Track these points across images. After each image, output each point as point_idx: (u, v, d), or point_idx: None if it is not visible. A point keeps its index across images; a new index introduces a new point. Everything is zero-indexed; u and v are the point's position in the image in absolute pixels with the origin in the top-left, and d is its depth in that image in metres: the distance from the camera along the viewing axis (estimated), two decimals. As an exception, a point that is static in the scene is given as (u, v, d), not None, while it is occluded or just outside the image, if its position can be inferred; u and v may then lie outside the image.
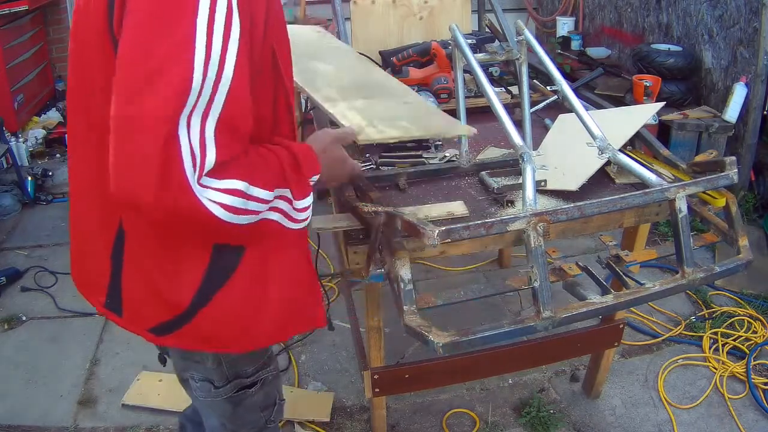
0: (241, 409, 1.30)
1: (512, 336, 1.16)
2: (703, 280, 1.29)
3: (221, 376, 1.24)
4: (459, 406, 2.30)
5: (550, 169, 1.68)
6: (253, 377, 1.27)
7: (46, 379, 2.46)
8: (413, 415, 2.28)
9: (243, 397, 1.28)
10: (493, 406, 2.30)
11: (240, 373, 1.25)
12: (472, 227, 1.13)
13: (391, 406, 2.28)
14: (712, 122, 3.35)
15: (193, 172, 0.82)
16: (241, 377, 1.25)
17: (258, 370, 1.27)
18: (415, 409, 2.30)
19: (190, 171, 0.82)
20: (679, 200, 1.24)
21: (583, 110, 1.53)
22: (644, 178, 1.43)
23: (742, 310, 2.73)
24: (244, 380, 1.26)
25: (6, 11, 3.95)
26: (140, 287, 1.06)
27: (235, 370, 1.24)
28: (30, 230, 3.59)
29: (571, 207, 1.19)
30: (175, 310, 1.05)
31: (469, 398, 2.33)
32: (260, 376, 1.28)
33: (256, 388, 1.28)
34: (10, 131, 3.96)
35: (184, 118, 0.80)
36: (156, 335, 1.10)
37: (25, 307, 2.89)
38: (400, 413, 2.28)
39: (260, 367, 1.28)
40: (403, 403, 2.31)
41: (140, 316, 1.09)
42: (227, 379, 1.24)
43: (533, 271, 1.14)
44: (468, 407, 2.30)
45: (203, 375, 1.24)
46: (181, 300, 1.04)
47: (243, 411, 1.30)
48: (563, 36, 4.88)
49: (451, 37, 1.72)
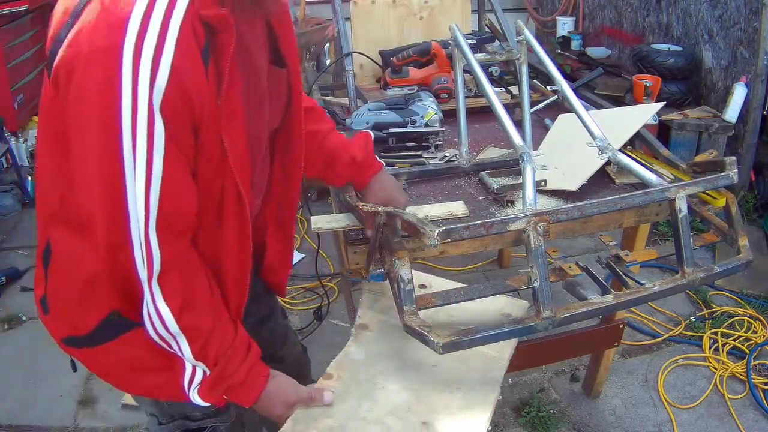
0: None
1: (512, 336, 1.16)
2: (703, 280, 1.29)
3: (163, 412, 1.20)
4: (459, 406, 2.29)
5: (550, 169, 1.68)
6: (200, 422, 1.21)
7: (46, 379, 2.46)
8: (413, 415, 2.28)
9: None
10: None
11: (187, 415, 1.20)
12: (472, 227, 1.12)
13: (391, 406, 2.28)
14: (712, 122, 3.35)
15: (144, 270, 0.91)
16: (187, 419, 1.20)
17: (206, 417, 1.20)
18: (415, 409, 2.30)
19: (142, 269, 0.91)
20: (679, 200, 1.24)
21: (583, 110, 1.53)
22: (644, 178, 1.43)
23: (742, 310, 2.73)
24: (189, 422, 1.21)
25: (6, 11, 3.94)
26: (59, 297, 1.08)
27: (179, 410, 1.19)
28: (30, 230, 3.58)
29: (570, 207, 1.19)
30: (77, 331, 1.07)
31: (469, 398, 2.33)
32: (208, 423, 1.21)
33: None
34: (10, 131, 3.96)
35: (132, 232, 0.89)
36: (66, 346, 1.11)
37: (25, 307, 2.88)
38: (400, 413, 2.28)
39: (210, 414, 1.20)
40: (403, 403, 2.31)
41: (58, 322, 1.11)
42: (171, 417, 1.20)
43: (533, 271, 1.13)
44: (468, 407, 2.29)
45: (150, 409, 1.22)
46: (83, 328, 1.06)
47: None
48: (563, 36, 4.88)
49: (451, 37, 1.72)
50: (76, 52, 0.82)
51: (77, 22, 0.84)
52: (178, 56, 0.82)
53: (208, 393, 1.05)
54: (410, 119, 1.89)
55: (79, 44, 0.82)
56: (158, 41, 0.81)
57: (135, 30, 0.81)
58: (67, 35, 0.84)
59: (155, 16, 0.82)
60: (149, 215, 0.87)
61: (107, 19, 0.82)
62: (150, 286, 0.92)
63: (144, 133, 0.83)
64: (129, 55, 0.80)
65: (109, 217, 0.88)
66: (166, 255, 0.91)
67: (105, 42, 0.81)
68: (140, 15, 0.81)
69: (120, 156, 0.83)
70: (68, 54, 0.84)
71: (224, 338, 1.02)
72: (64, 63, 0.84)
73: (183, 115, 0.86)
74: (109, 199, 0.86)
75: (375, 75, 2.41)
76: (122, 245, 0.89)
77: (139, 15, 0.81)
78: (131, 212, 0.87)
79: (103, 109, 0.82)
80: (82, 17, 0.83)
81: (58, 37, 0.86)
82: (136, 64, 0.80)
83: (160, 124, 0.84)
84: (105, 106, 0.82)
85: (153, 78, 0.81)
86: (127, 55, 0.80)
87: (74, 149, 0.88)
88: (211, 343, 1.00)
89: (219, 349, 1.01)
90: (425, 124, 1.89)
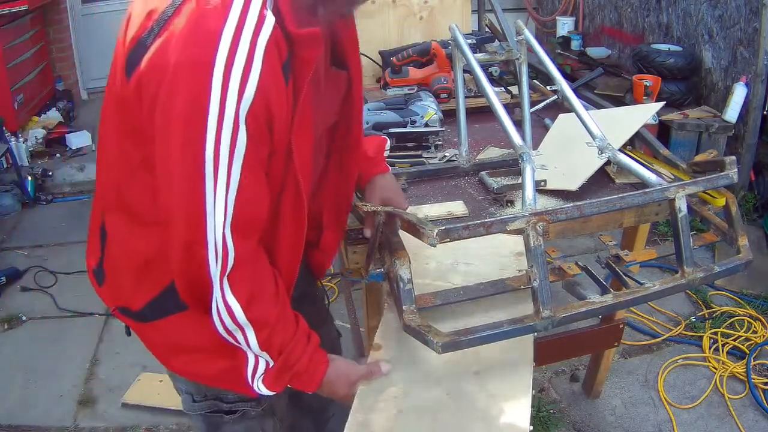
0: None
1: (511, 335, 1.15)
2: (703, 279, 1.28)
3: (198, 390, 1.24)
4: (459, 406, 2.29)
5: (549, 168, 1.68)
6: (232, 405, 1.24)
7: (46, 379, 2.46)
8: (413, 415, 2.28)
9: (219, 422, 1.26)
10: (493, 406, 2.30)
11: (220, 396, 1.23)
12: (472, 227, 1.12)
13: (391, 406, 2.28)
14: (712, 122, 3.35)
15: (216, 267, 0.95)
16: (220, 400, 1.23)
17: (240, 400, 1.24)
18: (415, 409, 2.30)
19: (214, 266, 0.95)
20: (678, 200, 1.23)
21: (582, 110, 1.52)
22: (644, 178, 1.43)
23: (742, 310, 2.73)
24: (221, 404, 1.24)
25: (6, 11, 3.95)
26: (114, 273, 1.15)
27: (214, 390, 1.23)
28: (30, 230, 3.59)
29: (570, 207, 1.18)
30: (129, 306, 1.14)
31: (469, 398, 2.33)
32: (240, 407, 1.24)
33: (234, 417, 1.25)
34: (10, 131, 3.96)
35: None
36: (120, 314, 1.18)
37: (25, 307, 2.89)
38: (400, 413, 2.28)
39: (244, 398, 1.23)
40: (403, 403, 2.31)
41: (112, 293, 1.17)
42: (205, 396, 1.24)
43: (533, 271, 1.13)
44: (468, 407, 2.29)
45: (186, 386, 1.25)
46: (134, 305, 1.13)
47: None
48: (563, 36, 4.88)
49: (450, 37, 1.72)
50: (165, 62, 0.86)
51: (164, 31, 0.87)
52: (264, 72, 0.87)
53: (274, 382, 1.09)
54: (410, 119, 1.89)
55: (168, 54, 0.86)
56: (248, 57, 0.86)
57: (227, 46, 0.85)
58: (152, 42, 0.88)
59: (245, 33, 0.86)
60: (226, 217, 0.93)
61: (198, 33, 0.85)
62: (221, 281, 0.97)
63: (227, 143, 0.88)
64: (220, 69, 0.85)
65: (188, 217, 0.93)
66: (239, 253, 0.96)
67: (197, 55, 0.85)
68: (231, 31, 0.85)
69: (202, 163, 0.88)
70: (157, 62, 0.88)
71: (287, 329, 1.07)
72: (152, 70, 0.88)
73: (264, 125, 0.91)
74: (189, 201, 0.92)
75: (375, 75, 2.41)
76: (198, 243, 0.94)
77: (231, 31, 0.85)
78: (209, 214, 0.92)
79: (190, 119, 0.87)
80: (170, 27, 0.87)
81: (142, 42, 0.90)
82: (226, 78, 0.85)
83: (244, 135, 0.89)
84: (192, 115, 0.86)
85: (241, 92, 0.86)
86: (218, 70, 0.85)
87: (159, 153, 0.93)
88: (276, 334, 1.05)
89: (283, 340, 1.06)
90: (425, 124, 1.89)
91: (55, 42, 4.96)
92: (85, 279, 3.16)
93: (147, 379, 2.41)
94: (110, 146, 1.06)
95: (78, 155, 4.24)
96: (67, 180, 4.08)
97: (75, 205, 3.91)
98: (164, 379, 2.41)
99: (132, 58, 0.92)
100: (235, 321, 1.00)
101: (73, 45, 5.16)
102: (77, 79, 5.25)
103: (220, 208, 0.92)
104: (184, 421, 2.24)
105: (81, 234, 3.90)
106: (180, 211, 0.93)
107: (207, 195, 0.90)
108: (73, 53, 5.17)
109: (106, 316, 2.80)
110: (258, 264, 1.03)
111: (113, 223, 1.10)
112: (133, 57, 0.91)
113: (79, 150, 4.28)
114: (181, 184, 0.91)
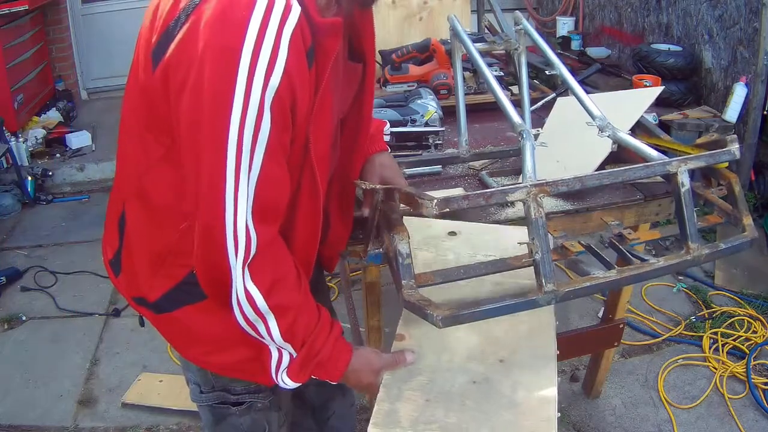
0: (224, 425, 1.28)
1: (514, 310, 1.11)
2: (708, 256, 1.23)
3: (206, 381, 1.24)
4: (459, 406, 2.29)
5: (551, 164, 1.65)
6: (239, 397, 1.25)
7: (46, 379, 2.46)
8: (413, 415, 2.28)
9: (226, 413, 1.26)
10: (493, 406, 2.30)
11: (227, 388, 1.24)
12: (472, 197, 1.08)
13: (391, 406, 2.27)
14: (712, 122, 3.35)
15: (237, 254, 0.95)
16: (227, 392, 1.24)
17: (246, 392, 1.25)
18: (415, 409, 2.29)
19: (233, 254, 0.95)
20: (681, 174, 1.19)
21: (581, 91, 1.48)
22: (645, 154, 1.38)
23: (742, 310, 2.73)
24: (229, 395, 1.24)
25: (6, 11, 3.95)
26: (131, 263, 1.16)
27: (222, 381, 1.23)
28: (30, 230, 3.59)
29: (571, 178, 1.14)
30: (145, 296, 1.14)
31: (469, 398, 2.33)
32: (246, 398, 1.25)
33: (240, 408, 1.26)
34: (10, 131, 3.96)
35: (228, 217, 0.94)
36: (136, 304, 1.18)
37: (25, 307, 2.89)
38: (400, 413, 2.28)
39: (251, 390, 1.25)
40: (403, 403, 2.31)
41: (129, 283, 1.18)
42: (212, 387, 1.24)
43: (534, 243, 1.08)
44: (468, 407, 2.29)
45: (194, 377, 1.26)
46: (150, 296, 1.13)
47: (227, 428, 1.29)
48: (563, 36, 4.88)
49: (450, 36, 1.72)
50: (193, 47, 0.87)
51: (190, 18, 0.89)
52: (290, 59, 0.89)
53: (298, 373, 1.09)
54: (410, 118, 1.88)
55: (196, 40, 0.87)
56: (274, 45, 0.87)
57: (254, 34, 0.86)
58: (179, 30, 0.90)
59: (272, 21, 0.87)
60: (248, 203, 0.93)
61: (226, 19, 0.86)
62: (242, 269, 0.96)
63: (251, 130, 0.89)
64: (247, 57, 0.86)
65: (210, 202, 0.93)
66: (260, 240, 0.97)
67: (224, 42, 0.86)
68: (259, 18, 0.86)
69: (225, 147, 0.89)
70: (185, 48, 0.89)
71: (310, 318, 1.07)
72: (179, 56, 0.90)
73: (288, 109, 0.93)
74: (211, 186, 0.92)
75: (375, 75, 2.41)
76: (218, 228, 0.94)
77: (259, 18, 0.86)
78: (228, 200, 0.92)
79: (216, 103, 0.88)
80: (197, 14, 0.88)
81: (169, 31, 0.91)
82: (253, 65, 0.86)
83: (268, 122, 0.90)
84: (218, 100, 0.87)
85: (267, 79, 0.87)
86: (245, 57, 0.86)
87: (185, 140, 0.94)
88: (299, 323, 1.05)
89: (306, 327, 1.06)
90: (425, 123, 1.88)
91: (55, 42, 4.96)
92: (85, 279, 3.17)
93: (147, 379, 2.41)
94: (132, 138, 1.07)
95: (78, 155, 4.24)
96: (67, 180, 4.08)
97: (75, 205, 3.91)
98: (164, 379, 2.41)
99: (159, 48, 0.93)
100: (256, 310, 0.99)
101: (73, 45, 5.16)
102: (77, 79, 5.25)
103: (243, 193, 0.92)
104: (185, 421, 2.24)
105: (81, 234, 3.92)
106: (203, 197, 0.94)
107: (228, 180, 0.91)
108: (73, 53, 5.18)
109: (106, 316, 2.80)
110: (279, 251, 1.03)
111: (133, 214, 1.11)
112: (161, 46, 0.93)
113: (79, 150, 4.28)
114: (205, 170, 0.92)
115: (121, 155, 1.12)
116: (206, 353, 1.15)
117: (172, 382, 2.38)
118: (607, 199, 1.64)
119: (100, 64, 5.28)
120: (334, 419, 1.61)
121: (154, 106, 0.98)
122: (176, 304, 1.11)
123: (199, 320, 1.11)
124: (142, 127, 1.03)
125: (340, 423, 1.63)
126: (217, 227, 0.93)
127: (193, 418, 2.22)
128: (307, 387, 1.53)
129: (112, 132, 4.46)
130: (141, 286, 1.14)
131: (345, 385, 1.61)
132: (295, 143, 0.98)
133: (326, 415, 1.60)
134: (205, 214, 0.94)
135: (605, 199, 1.64)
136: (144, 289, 1.14)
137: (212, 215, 0.93)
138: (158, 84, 0.94)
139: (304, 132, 0.98)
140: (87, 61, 5.29)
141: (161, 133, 1.00)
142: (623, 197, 1.65)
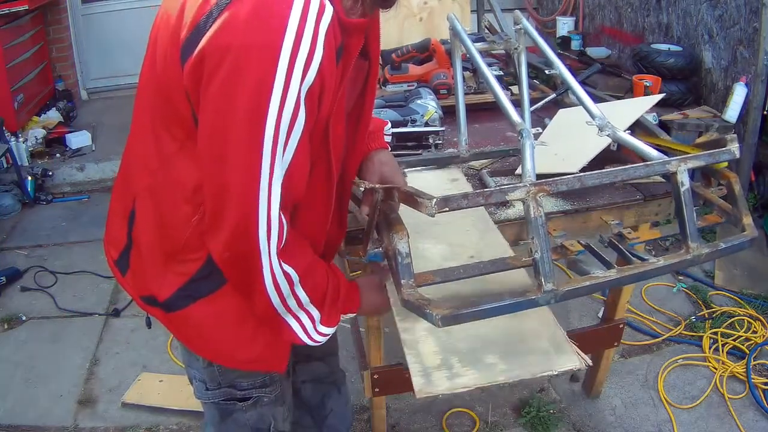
0: (230, 421, 1.29)
1: (514, 309, 1.10)
2: (708, 255, 1.23)
3: (212, 378, 1.24)
4: (459, 406, 2.29)
5: (549, 154, 1.65)
6: (246, 392, 1.26)
7: (46, 379, 2.46)
8: (413, 414, 2.28)
9: (232, 409, 1.27)
10: (493, 406, 2.30)
11: (234, 383, 1.25)
12: (471, 196, 1.08)
13: (391, 405, 2.28)
14: (712, 122, 3.35)
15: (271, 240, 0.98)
16: (234, 387, 1.25)
17: (253, 387, 1.26)
18: (414, 408, 2.30)
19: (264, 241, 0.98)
20: (680, 173, 1.19)
21: (581, 91, 1.49)
22: (644, 153, 1.39)
23: (742, 310, 2.73)
24: (235, 391, 1.25)
25: (6, 11, 3.95)
26: (140, 261, 1.16)
27: (228, 377, 1.24)
28: (30, 230, 3.59)
29: (570, 177, 1.15)
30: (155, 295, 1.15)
31: (468, 398, 2.32)
32: (253, 393, 1.27)
33: (247, 404, 1.27)
34: (10, 131, 3.96)
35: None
36: (145, 304, 1.18)
37: (25, 307, 2.89)
38: (400, 413, 2.28)
39: (257, 385, 1.26)
40: (403, 403, 2.31)
41: (137, 282, 1.18)
42: (219, 384, 1.25)
43: (533, 242, 1.08)
44: (468, 407, 2.29)
45: (200, 374, 1.26)
46: (160, 295, 1.14)
47: (232, 425, 1.29)
48: (563, 36, 4.88)
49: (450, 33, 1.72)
50: (227, 42, 0.88)
51: (223, 14, 0.89)
52: (325, 57, 0.92)
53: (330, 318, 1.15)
54: (410, 118, 1.88)
55: (232, 35, 0.88)
56: (311, 43, 0.90)
57: (293, 32, 0.88)
58: (211, 26, 0.90)
59: (309, 19, 0.89)
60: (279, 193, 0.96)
61: (264, 18, 0.88)
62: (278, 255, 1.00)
63: (287, 124, 0.91)
64: (287, 54, 0.88)
65: (244, 192, 0.95)
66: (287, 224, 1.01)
67: (263, 39, 0.88)
68: (297, 18, 0.88)
69: (261, 142, 0.91)
70: (218, 42, 0.89)
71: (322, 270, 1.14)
72: (212, 49, 0.90)
73: (317, 101, 0.96)
74: (246, 177, 0.94)
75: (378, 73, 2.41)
76: (252, 217, 0.96)
77: (297, 18, 0.88)
78: (262, 190, 0.94)
79: (254, 100, 0.89)
80: (231, 10, 0.88)
81: (199, 27, 0.92)
82: (292, 62, 0.88)
83: (303, 116, 0.93)
84: (256, 97, 0.89)
85: (304, 75, 0.90)
86: (284, 55, 0.88)
87: (210, 133, 0.94)
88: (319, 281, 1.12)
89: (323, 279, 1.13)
90: (425, 123, 1.88)
91: (55, 42, 4.96)
92: (85, 279, 3.17)
93: (147, 379, 2.41)
94: (145, 135, 1.08)
95: (78, 155, 4.24)
96: (67, 180, 4.08)
97: (75, 205, 3.91)
98: (164, 379, 2.41)
99: (189, 43, 0.93)
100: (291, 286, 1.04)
101: (73, 45, 5.16)
102: (77, 79, 5.25)
103: (276, 184, 0.95)
104: (185, 421, 2.24)
105: (81, 234, 3.91)
106: (235, 186, 0.95)
107: (263, 173, 0.93)
108: (73, 53, 5.17)
109: (106, 316, 2.80)
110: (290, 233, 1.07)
111: (144, 211, 1.12)
112: (190, 41, 0.93)
113: (79, 150, 4.28)
114: (239, 162, 0.93)
115: (132, 152, 1.14)
116: (222, 349, 1.17)
117: (172, 382, 2.38)
118: (607, 199, 1.64)
119: (100, 64, 5.28)
120: (331, 417, 1.61)
121: (172, 102, 0.99)
122: (187, 301, 1.12)
123: (210, 314, 1.13)
124: (156, 123, 1.05)
125: (338, 421, 1.64)
126: (252, 216, 0.95)
127: (194, 418, 2.23)
128: (303, 384, 1.54)
129: (112, 132, 4.48)
130: (150, 285, 1.14)
131: (340, 381, 1.62)
132: (315, 131, 1.01)
133: (324, 413, 1.61)
134: (239, 204, 0.95)
135: (605, 199, 1.64)
136: (153, 287, 1.14)
137: (247, 204, 0.95)
138: (186, 79, 0.95)
139: (324, 121, 1.01)
140: (87, 61, 5.29)
141: (176, 127, 1.01)
142: (623, 197, 1.65)
